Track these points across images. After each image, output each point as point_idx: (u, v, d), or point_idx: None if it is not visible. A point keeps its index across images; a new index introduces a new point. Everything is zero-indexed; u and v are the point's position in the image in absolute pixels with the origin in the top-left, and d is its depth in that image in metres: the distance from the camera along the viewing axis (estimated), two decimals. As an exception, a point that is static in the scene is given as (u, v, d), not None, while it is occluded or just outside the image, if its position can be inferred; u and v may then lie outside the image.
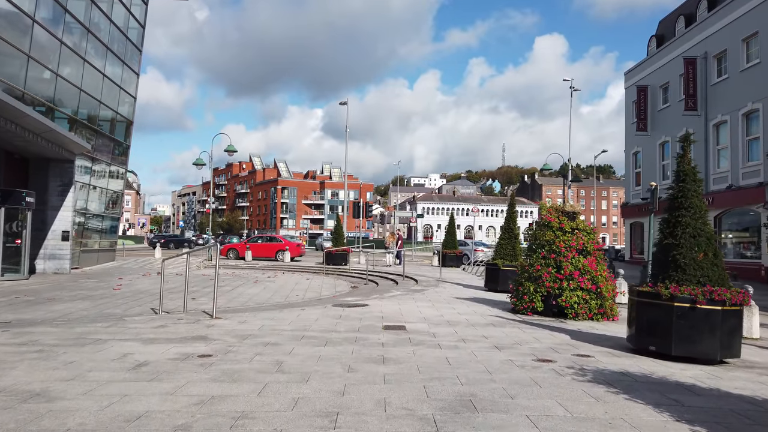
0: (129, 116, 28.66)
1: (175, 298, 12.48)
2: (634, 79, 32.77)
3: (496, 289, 14.27)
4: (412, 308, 10.34)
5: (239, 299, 13.07)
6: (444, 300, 12.05)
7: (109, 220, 27.75)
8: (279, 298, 13.60)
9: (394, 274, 20.87)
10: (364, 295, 13.42)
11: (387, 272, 21.91)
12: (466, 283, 17.50)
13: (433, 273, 21.34)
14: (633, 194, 32.84)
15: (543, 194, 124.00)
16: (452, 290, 14.56)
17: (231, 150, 28.92)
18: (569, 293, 9.53)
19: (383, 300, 11.71)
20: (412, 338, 7.10)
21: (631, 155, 33.15)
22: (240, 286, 16.66)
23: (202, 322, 8.16)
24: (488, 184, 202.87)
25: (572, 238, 9.87)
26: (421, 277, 18.92)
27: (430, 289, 14.67)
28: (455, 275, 21.06)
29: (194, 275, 21.21)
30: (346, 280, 20.35)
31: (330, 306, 10.42)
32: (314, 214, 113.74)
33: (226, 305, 11.67)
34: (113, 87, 26.25)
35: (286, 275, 21.92)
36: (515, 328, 8.31)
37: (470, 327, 8.22)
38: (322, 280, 19.56)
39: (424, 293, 13.44)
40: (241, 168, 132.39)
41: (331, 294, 14.82)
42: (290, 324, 8.09)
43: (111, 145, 26.78)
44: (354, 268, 24.10)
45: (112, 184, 27.36)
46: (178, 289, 14.74)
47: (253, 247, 29.38)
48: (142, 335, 6.92)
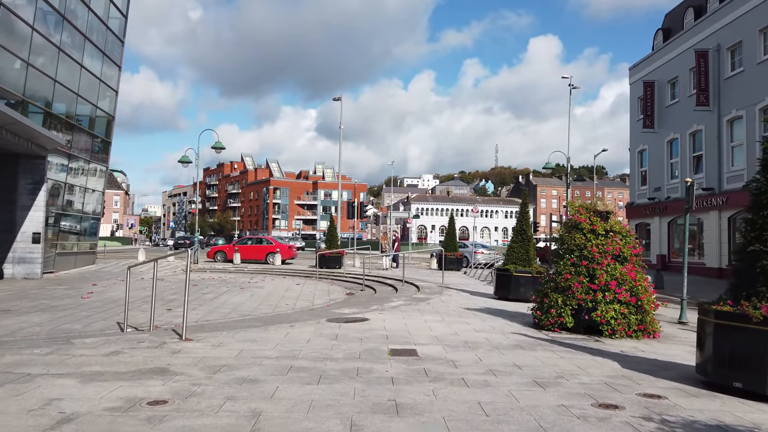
0: (110, 111, 27.06)
1: (149, 309, 10.98)
2: (640, 74, 31.51)
3: (508, 297, 12.87)
4: (419, 323, 8.90)
5: (221, 310, 11.59)
6: (453, 312, 10.62)
7: (89, 220, 26.14)
8: (266, 308, 12.13)
9: (393, 279, 19.43)
10: (362, 304, 11.98)
11: (384, 277, 20.47)
12: (471, 289, 16.09)
13: (434, 277, 19.92)
14: (639, 194, 31.57)
15: (538, 195, 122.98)
16: (459, 299, 13.14)
17: (219, 147, 27.38)
18: (605, 307, 8.12)
19: (385, 312, 10.26)
20: (428, 369, 5.66)
21: (637, 153, 31.88)
22: (225, 293, 15.17)
23: (168, 345, 6.68)
24: (481, 185, 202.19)
25: (606, 241, 8.47)
26: (422, 282, 17.49)
27: (435, 297, 13.24)
28: (458, 280, 19.66)
29: (178, 280, 19.70)
30: (341, 285, 18.90)
31: (324, 321, 8.96)
32: (307, 214, 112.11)
33: (205, 318, 10.19)
34: (92, 80, 24.66)
35: (276, 280, 20.43)
36: (548, 351, 6.89)
37: (495, 351, 6.79)
38: (315, 286, 18.09)
39: (429, 303, 12.01)
40: (232, 168, 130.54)
41: (324, 303, 13.37)
42: (276, 348, 6.63)
43: (90, 142, 25.18)
44: (349, 272, 22.65)
45: (91, 182, 25.75)
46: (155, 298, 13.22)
47: (242, 250, 27.85)
48: (86, 367, 5.44)
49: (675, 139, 28.16)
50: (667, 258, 28.14)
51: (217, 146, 27.45)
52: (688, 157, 26.88)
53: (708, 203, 24.50)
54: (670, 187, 28.21)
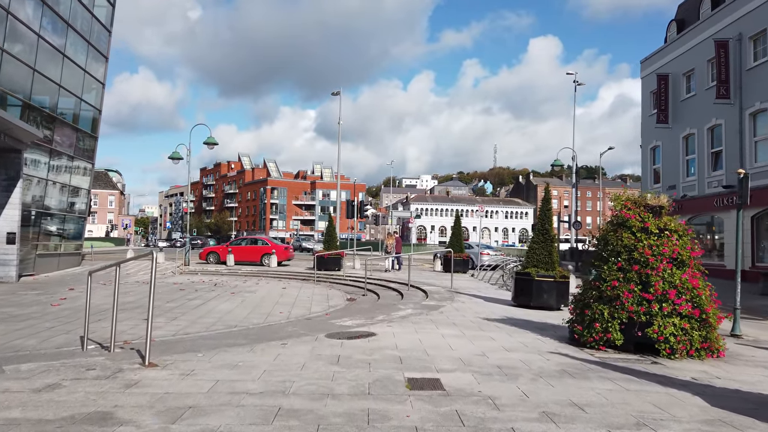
0: (97, 105, 25.63)
1: (126, 319, 9.56)
2: (653, 67, 30.13)
3: (529, 305, 11.47)
4: (436, 339, 7.49)
5: (206, 319, 10.17)
6: (472, 323, 9.21)
7: (73, 220, 24.69)
8: (257, 317, 10.71)
9: (397, 283, 18.02)
10: (366, 313, 10.56)
11: (387, 280, 19.07)
12: (484, 294, 14.68)
13: (441, 281, 18.53)
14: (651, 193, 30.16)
15: (538, 195, 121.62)
16: (475, 306, 11.73)
17: (211, 143, 25.94)
18: (662, 321, 6.72)
19: (393, 324, 8.85)
20: (462, 413, 4.24)
21: (649, 150, 30.50)
22: (213, 298, 13.74)
23: (124, 373, 5.25)
24: (480, 186, 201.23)
25: (661, 241, 7.07)
26: (429, 287, 16.09)
27: (447, 304, 11.83)
28: (466, 283, 18.27)
29: (165, 284, 18.27)
30: (341, 289, 17.49)
31: (322, 336, 7.54)
32: (305, 215, 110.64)
33: (185, 330, 8.77)
34: (76, 70, 23.22)
35: (271, 283, 19.01)
36: (606, 380, 5.47)
37: (539, 380, 5.38)
38: (313, 290, 16.68)
39: (442, 312, 10.60)
40: (229, 168, 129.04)
41: (323, 310, 11.95)
42: (261, 377, 5.21)
43: (74, 137, 23.73)
44: (349, 274, 21.24)
45: (76, 180, 24.31)
46: (135, 304, 11.77)
47: (236, 251, 26.41)
48: (1, 412, 4.03)
49: (691, 135, 26.78)
50: (683, 259, 26.74)
51: (210, 142, 26.03)
52: (706, 153, 25.51)
53: (729, 201, 23.13)
54: (687, 185, 26.82)
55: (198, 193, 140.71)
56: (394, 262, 24.86)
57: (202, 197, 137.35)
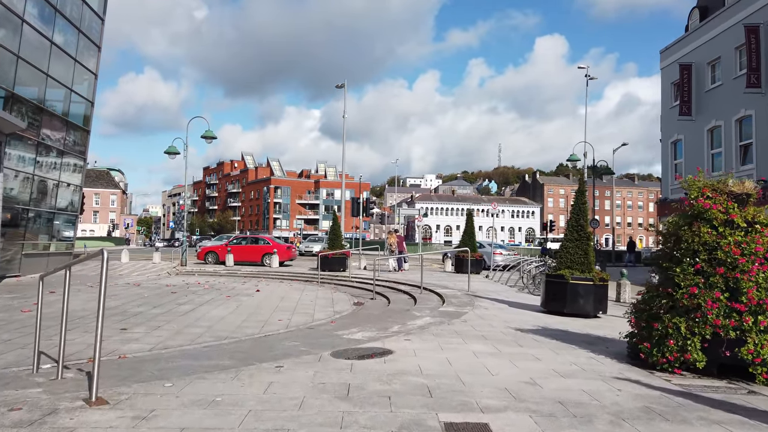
0: (89, 97, 24.31)
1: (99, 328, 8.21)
2: (674, 56, 28.62)
3: (563, 311, 10.05)
4: (468, 359, 6.07)
5: (192, 330, 8.79)
6: (504, 335, 7.80)
7: (64, 218, 23.38)
8: (253, 325, 9.33)
9: (407, 285, 16.62)
10: (377, 322, 9.16)
11: (396, 281, 17.67)
12: (505, 298, 13.26)
13: (455, 283, 17.12)
14: (673, 189, 28.67)
15: (545, 194, 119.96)
16: (500, 313, 10.31)
17: (209, 136, 24.59)
18: (759, 337, 5.31)
19: (412, 337, 7.44)
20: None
21: (670, 144, 28.99)
22: (207, 302, 12.36)
23: (57, 417, 3.85)
24: (485, 185, 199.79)
25: (753, 238, 5.65)
26: (443, 289, 14.68)
27: (468, 310, 10.42)
28: (482, 285, 16.85)
29: (156, 286, 16.92)
30: (347, 292, 16.10)
31: (327, 354, 6.13)
32: (308, 214, 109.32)
33: (164, 344, 7.40)
34: (66, 59, 21.90)
35: (272, 285, 17.64)
36: (714, 424, 4.04)
37: (623, 424, 3.95)
38: (316, 293, 15.30)
39: (466, 320, 9.18)
40: (232, 167, 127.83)
41: (327, 317, 10.56)
42: (244, 424, 3.81)
43: (64, 130, 22.41)
44: (355, 275, 19.85)
45: (66, 175, 23.00)
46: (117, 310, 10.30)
47: (236, 250, 25.04)
48: None
49: (717, 127, 25.26)
50: (708, 259, 25.24)
51: (208, 135, 24.69)
52: (734, 146, 24.00)
53: (764, 198, 21.63)
54: (712, 181, 25.33)
55: (201, 193, 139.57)
56: (400, 261, 23.58)
57: (205, 196, 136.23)
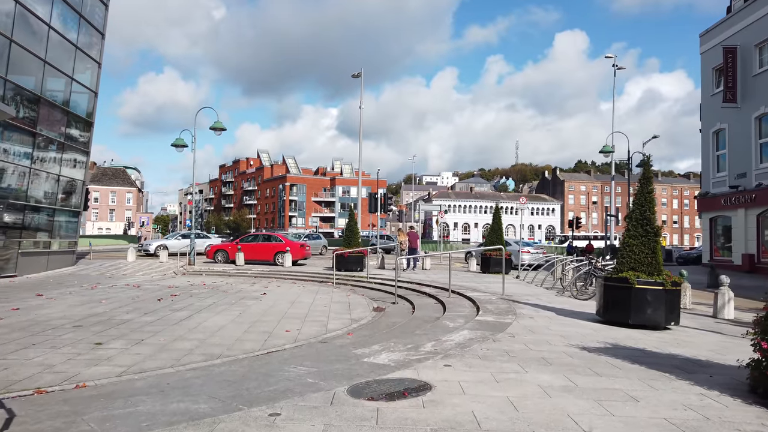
0: (92, 86, 23.03)
1: (69, 344, 6.74)
2: (716, 39, 26.55)
3: (626, 322, 8.35)
4: (537, 399, 4.45)
5: (181, 344, 7.29)
6: (569, 356, 6.16)
7: (66, 215, 22.14)
8: (254, 338, 7.80)
9: (432, 287, 15.01)
10: (405, 336, 7.56)
11: (419, 282, 16.06)
12: (548, 303, 11.58)
13: (485, 284, 15.48)
14: (714, 182, 26.63)
15: (565, 191, 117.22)
16: (550, 324, 8.64)
17: (218, 127, 23.16)
18: None
19: (452, 360, 5.83)
20: None
21: (711, 134, 26.92)
22: (207, 308, 10.86)
23: None
24: (502, 182, 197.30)
25: None
26: (474, 292, 13.04)
27: (511, 320, 8.77)
28: (517, 288, 15.15)
29: (158, 287, 15.52)
30: (365, 294, 14.52)
31: (343, 394, 4.54)
32: (324, 212, 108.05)
33: (141, 366, 5.89)
34: (66, 45, 20.61)
35: (283, 287, 16.14)
36: None
37: None
38: (331, 296, 13.75)
39: (512, 333, 7.55)
40: (248, 165, 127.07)
41: (343, 328, 8.99)
42: None
43: (65, 121, 21.14)
44: (373, 276, 18.27)
45: (68, 170, 21.75)
46: (100, 318, 8.73)
47: (246, 249, 23.60)
48: None
49: (766, 115, 23.23)
50: (756, 258, 23.24)
51: (217, 126, 23.26)
52: (786, 134, 21.99)
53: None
54: (760, 173, 23.28)
55: (217, 191, 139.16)
56: (410, 260, 22.12)
57: (221, 195, 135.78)
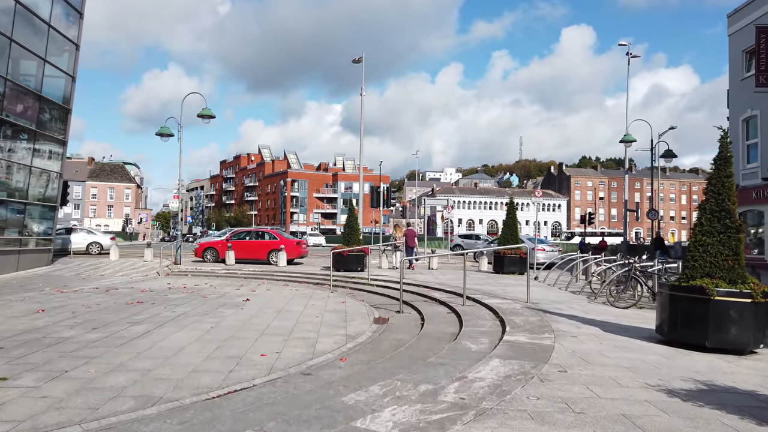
0: (69, 70, 21.13)
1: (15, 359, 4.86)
2: (747, 19, 24.49)
3: (703, 344, 6.43)
4: None
5: (112, 381, 5.36)
6: (664, 414, 4.26)
7: (39, 210, 20.30)
8: (215, 370, 5.88)
9: (441, 290, 13.13)
10: (415, 371, 5.66)
11: (426, 285, 14.18)
12: (585, 314, 9.65)
13: (501, 287, 13.58)
14: (745, 173, 24.61)
15: (572, 187, 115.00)
16: (603, 347, 6.73)
17: (206, 114, 21.25)
18: None
19: (489, 420, 3.93)
20: None
21: (741, 122, 24.90)
22: (171, 321, 8.94)
23: None
24: (506, 178, 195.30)
25: None
26: (492, 298, 11.13)
27: (549, 340, 6.87)
28: (539, 292, 13.19)
29: (130, 291, 13.63)
30: (365, 299, 12.62)
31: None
32: (326, 208, 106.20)
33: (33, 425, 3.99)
34: (36, 23, 18.72)
35: (273, 291, 14.25)
36: None
37: None
38: (326, 302, 11.85)
39: (561, 365, 5.64)
40: (249, 160, 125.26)
41: (336, 349, 7.10)
42: None
43: (36, 107, 19.26)
44: (374, 276, 16.38)
45: (41, 161, 19.89)
46: (39, 333, 6.86)
47: (237, 246, 21.71)
48: None
49: (805, 99, 21.23)
50: (794, 256, 21.28)
51: (205, 114, 21.36)
52: (829, 120, 19.98)
53: None
54: (798, 164, 21.31)
55: (218, 187, 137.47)
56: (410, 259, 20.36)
57: (222, 191, 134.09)
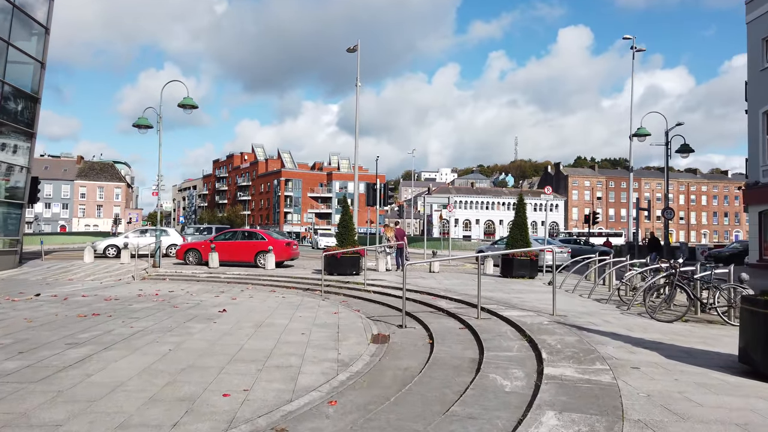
0: (37, 55, 19.39)
1: None
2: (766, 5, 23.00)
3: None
4: None
5: None
6: None
7: (3, 208, 18.54)
8: (151, 427, 4.20)
9: (447, 298, 11.49)
10: (434, 422, 3.99)
11: (430, 291, 12.51)
12: (629, 331, 7.99)
13: (516, 294, 11.94)
14: (765, 170, 23.11)
15: (569, 186, 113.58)
16: (687, 386, 5.10)
17: (188, 104, 19.51)
18: None
19: None
20: None
21: (761, 115, 23.37)
22: (123, 340, 7.21)
23: None
24: (501, 178, 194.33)
25: None
26: (512, 310, 9.47)
27: (610, 377, 5.23)
28: (563, 301, 11.50)
29: (93, 299, 11.90)
30: (362, 309, 10.95)
31: None
32: (321, 208, 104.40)
33: None
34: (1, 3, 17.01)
35: (256, 298, 12.56)
36: None
37: None
38: (316, 313, 10.17)
39: (644, 420, 3.99)
40: (242, 159, 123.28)
41: (324, 383, 5.38)
42: None
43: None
44: (371, 282, 14.70)
45: (4, 154, 18.16)
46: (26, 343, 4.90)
47: (222, 248, 19.97)
48: None
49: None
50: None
51: (186, 103, 19.63)
52: None
53: None
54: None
55: (211, 187, 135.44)
56: (396, 259, 18.97)
57: (215, 190, 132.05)
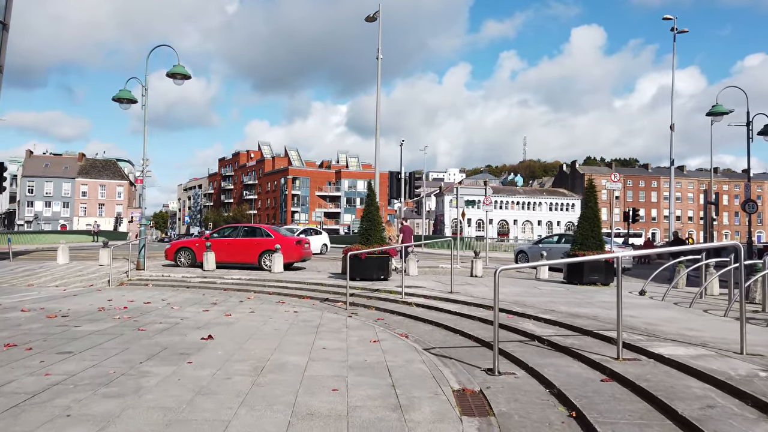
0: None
1: None
2: None
3: None
4: None
5: None
6: None
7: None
8: None
9: (529, 317, 8.09)
10: None
11: (487, 305, 9.05)
12: None
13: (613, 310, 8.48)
14: None
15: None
16: None
17: (179, 73, 16.21)
18: None
19: None
20: None
21: None
22: (8, 409, 3.90)
23: None
24: (510, 179, 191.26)
25: None
26: (666, 344, 6.03)
27: None
28: (691, 321, 8.05)
29: (36, 314, 8.59)
30: (410, 334, 7.53)
31: None
32: (329, 206, 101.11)
33: None
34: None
35: (258, 315, 9.16)
36: None
37: None
38: (346, 345, 6.75)
39: None
40: (248, 157, 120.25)
41: None
42: None
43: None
44: (410, 288, 11.24)
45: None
46: None
47: (219, 246, 16.61)
48: None
49: None
50: None
51: (177, 72, 16.30)
52: None
53: None
54: None
55: (216, 186, 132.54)
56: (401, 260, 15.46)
57: (220, 189, 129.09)
